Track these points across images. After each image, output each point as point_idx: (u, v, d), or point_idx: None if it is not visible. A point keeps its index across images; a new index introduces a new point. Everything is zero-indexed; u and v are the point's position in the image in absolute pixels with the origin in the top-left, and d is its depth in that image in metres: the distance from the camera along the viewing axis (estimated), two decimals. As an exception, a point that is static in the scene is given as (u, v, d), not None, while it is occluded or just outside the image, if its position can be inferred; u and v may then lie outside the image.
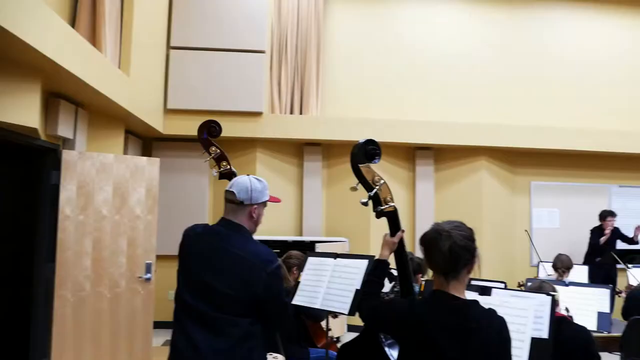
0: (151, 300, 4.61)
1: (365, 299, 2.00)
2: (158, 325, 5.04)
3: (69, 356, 4.13)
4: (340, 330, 5.98)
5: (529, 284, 3.42)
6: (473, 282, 2.82)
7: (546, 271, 5.07)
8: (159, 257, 4.87)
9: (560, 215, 7.18)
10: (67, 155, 4.17)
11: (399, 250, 2.10)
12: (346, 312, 2.84)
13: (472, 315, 1.69)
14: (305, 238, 6.40)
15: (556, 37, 7.45)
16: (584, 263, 6.14)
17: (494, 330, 1.69)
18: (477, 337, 1.66)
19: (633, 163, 7.35)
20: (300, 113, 6.80)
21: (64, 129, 4.08)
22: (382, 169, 7.07)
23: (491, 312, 1.74)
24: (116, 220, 4.42)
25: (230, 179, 2.51)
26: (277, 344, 3.16)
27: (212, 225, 2.29)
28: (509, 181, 7.19)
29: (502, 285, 3.10)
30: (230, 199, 2.24)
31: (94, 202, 4.30)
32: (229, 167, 2.70)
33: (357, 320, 2.31)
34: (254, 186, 2.27)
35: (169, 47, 6.32)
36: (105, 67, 4.22)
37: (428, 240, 1.78)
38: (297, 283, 3.26)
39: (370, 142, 2.14)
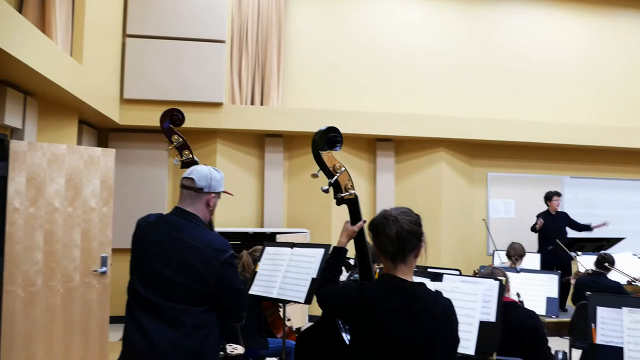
0: (107, 295, 4.51)
1: (322, 285, 2.01)
2: (115, 320, 4.94)
3: (20, 355, 4.00)
4: (302, 320, 6.01)
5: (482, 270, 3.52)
6: (428, 270, 2.89)
7: (500, 259, 5.23)
8: (116, 250, 4.77)
9: (516, 206, 7.41)
10: (15, 145, 4.01)
11: (360, 240, 2.12)
12: (302, 300, 2.86)
13: (419, 296, 1.73)
14: (266, 229, 6.39)
15: (514, 32, 7.63)
16: (539, 250, 6.34)
17: (440, 311, 1.73)
18: (423, 318, 1.70)
19: (584, 155, 7.64)
20: (261, 104, 6.75)
21: (11, 118, 3.93)
22: (343, 161, 7.08)
23: (437, 294, 1.78)
24: (69, 212, 4.29)
25: None
26: (237, 335, 3.14)
27: (165, 214, 2.27)
28: (467, 172, 7.36)
29: (457, 273, 3.18)
30: (189, 186, 2.23)
31: (45, 194, 4.15)
32: (191, 156, 2.68)
33: (318, 311, 2.32)
34: (213, 175, 2.28)
35: (125, 35, 6.15)
36: (55, 54, 4.07)
37: (376, 225, 1.81)
38: (255, 273, 3.26)
39: (331, 130, 2.16)
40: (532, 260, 5.08)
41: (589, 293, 2.23)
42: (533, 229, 6.65)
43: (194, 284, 2.06)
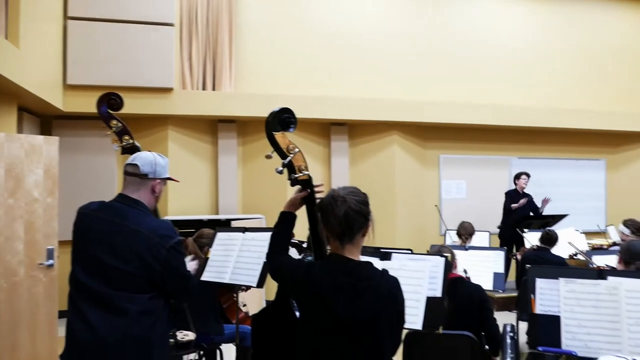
0: (55, 288, 4.35)
1: (273, 252, 1.99)
2: (64, 314, 4.77)
3: (-39, 353, 3.84)
4: (258, 306, 6.00)
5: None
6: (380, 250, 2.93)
7: (452, 239, 5.38)
8: (63, 243, 4.58)
9: (467, 186, 7.61)
10: (-53, 134, 3.79)
11: (313, 221, 2.12)
12: (254, 284, 2.86)
13: (364, 275, 1.76)
14: (221, 216, 6.32)
15: (465, 17, 7.76)
16: (501, 227, 6.59)
17: (385, 289, 1.76)
18: (367, 296, 1.72)
19: (531, 136, 7.91)
20: (213, 89, 6.63)
21: (-59, 105, 3.70)
22: (298, 145, 7.05)
23: (383, 272, 1.81)
24: (10, 204, 4.10)
25: (132, 154, 2.43)
26: (187, 321, 3.11)
27: (108, 201, 2.21)
28: (419, 155, 7.49)
29: (408, 253, 3.25)
30: (132, 172, 2.19)
31: (-18, 185, 3.95)
32: (131, 141, 2.59)
33: (274, 296, 2.33)
34: (157, 160, 2.24)
35: (66, 17, 5.88)
36: (-12, 36, 3.85)
37: (324, 205, 1.82)
38: (206, 259, 3.22)
39: (285, 111, 2.15)
40: (482, 238, 5.25)
41: (528, 266, 2.32)
42: (508, 207, 6.86)
43: (140, 271, 2.03)
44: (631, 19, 8.46)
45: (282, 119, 2.14)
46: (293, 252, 3.03)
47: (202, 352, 3.54)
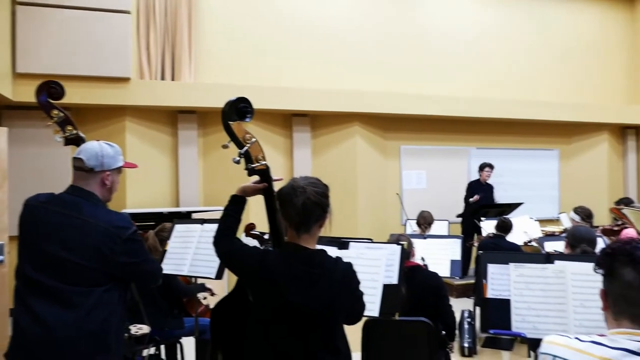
0: (5, 285, 4.18)
1: (221, 235, 1.97)
2: (17, 310, 4.62)
3: None
4: (219, 298, 5.96)
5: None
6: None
7: (412, 228, 5.47)
8: (13, 238, 4.42)
9: (427, 177, 7.75)
10: None
11: (270, 207, 2.11)
12: (213, 276, 2.84)
13: (318, 263, 1.78)
14: (182, 209, 6.23)
15: (426, 9, 7.85)
16: (462, 216, 6.73)
17: (339, 276, 1.79)
18: (321, 283, 1.74)
19: (489, 127, 8.10)
20: (173, 79, 6.50)
21: None
22: (259, 137, 6.99)
23: (337, 259, 1.84)
24: (-45, 197, 3.92)
25: (78, 144, 2.35)
26: (141, 315, 3.06)
27: (58, 193, 2.14)
28: (381, 146, 7.57)
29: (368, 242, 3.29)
30: (79, 166, 2.12)
31: None
32: (75, 131, 2.49)
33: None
34: (105, 152, 2.15)
35: (14, 2, 5.63)
36: None
37: (283, 195, 1.82)
38: (164, 252, 3.18)
39: (241, 100, 2.13)
40: (441, 226, 5.36)
41: (480, 252, 2.39)
42: (467, 201, 7.02)
43: (95, 264, 1.98)
44: (586, 13, 8.75)
45: (239, 109, 2.13)
46: (255, 244, 3.01)
47: (158, 347, 3.49)
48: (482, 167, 7.18)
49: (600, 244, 3.13)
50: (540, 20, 8.44)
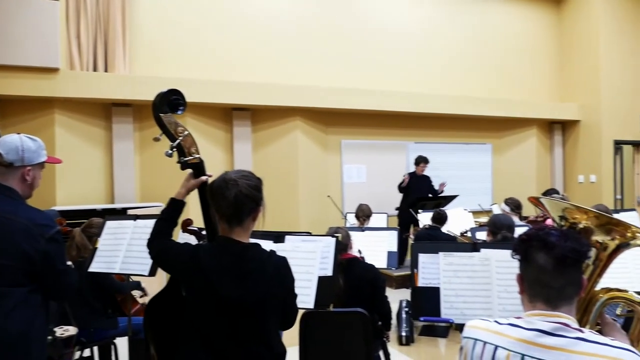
0: None
1: (155, 237, 1.94)
2: None
3: None
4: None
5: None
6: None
7: (351, 221, 5.55)
8: None
9: (367, 171, 7.88)
10: None
11: (205, 200, 2.07)
12: (146, 273, 2.77)
13: (250, 256, 1.77)
14: (117, 205, 6.01)
15: (366, 4, 7.94)
16: (400, 207, 6.89)
17: (272, 270, 1.79)
18: (254, 277, 1.74)
19: (426, 121, 8.34)
20: (106, 70, 6.24)
21: None
22: (198, 131, 6.90)
23: (271, 253, 1.83)
24: None
25: None
26: (67, 316, 2.94)
27: (-26, 190, 2.01)
28: (321, 140, 7.62)
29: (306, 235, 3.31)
30: None
31: None
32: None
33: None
34: (25, 146, 2.04)
35: None
36: None
37: (215, 188, 1.80)
38: (95, 249, 3.06)
39: (173, 92, 2.09)
40: (379, 219, 5.47)
41: (412, 242, 2.46)
42: (400, 187, 7.18)
43: (17, 263, 1.89)
44: (517, 14, 9.16)
45: (171, 101, 2.09)
46: (192, 240, 2.95)
47: (91, 349, 3.36)
48: (417, 162, 7.38)
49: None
50: (474, 19, 8.76)
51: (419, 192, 7.17)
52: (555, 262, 1.29)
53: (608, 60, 8.82)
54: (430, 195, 7.25)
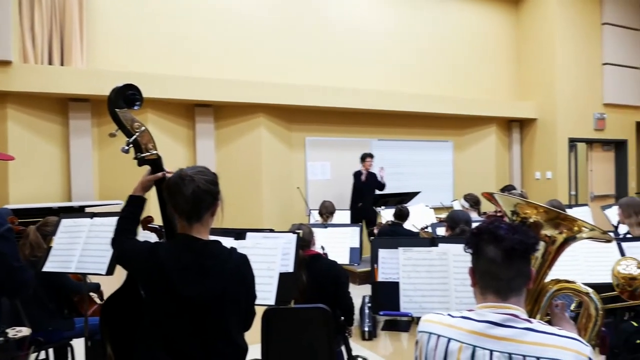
0: None
1: (118, 236, 1.91)
2: None
3: None
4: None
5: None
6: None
7: (314, 218, 5.57)
8: None
9: (331, 168, 7.91)
10: None
11: (164, 203, 2.04)
12: (103, 272, 2.70)
13: (210, 253, 1.76)
14: (75, 203, 5.84)
15: (330, 3, 7.93)
16: (351, 207, 6.91)
17: (232, 267, 1.78)
18: (214, 274, 1.73)
19: (389, 119, 8.43)
20: (62, 64, 6.04)
21: None
22: (160, 127, 6.78)
23: (231, 250, 1.82)
24: None
25: None
26: (20, 316, 2.85)
27: None
28: (285, 137, 7.60)
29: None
30: None
31: None
32: None
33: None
34: None
35: None
36: None
37: (172, 184, 1.78)
38: (49, 249, 2.97)
39: (129, 87, 2.05)
40: (342, 216, 5.51)
41: (372, 238, 2.49)
42: (357, 186, 7.22)
43: None
44: (477, 14, 9.35)
45: (127, 96, 2.06)
46: (153, 238, 2.90)
47: (46, 350, 3.27)
48: (363, 158, 7.44)
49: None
50: (436, 19, 8.90)
51: (367, 189, 7.25)
52: (504, 254, 1.33)
53: (563, 60, 9.14)
54: (377, 191, 7.33)
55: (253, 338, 2.84)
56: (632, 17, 9.91)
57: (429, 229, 5.35)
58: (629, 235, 3.83)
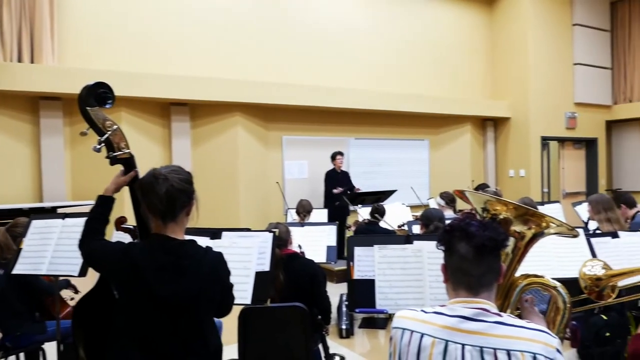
0: None
1: (86, 237, 1.87)
2: None
3: None
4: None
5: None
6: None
7: (292, 216, 5.56)
8: None
9: (308, 167, 7.91)
10: None
11: (136, 198, 2.01)
12: (76, 273, 2.66)
13: (185, 253, 1.75)
14: (46, 204, 5.72)
15: (307, 1, 7.93)
16: (325, 206, 6.93)
17: (208, 266, 1.77)
18: (189, 274, 1.72)
19: (366, 118, 8.48)
20: (32, 62, 5.90)
21: None
22: (135, 126, 6.69)
23: (207, 249, 1.82)
24: None
25: None
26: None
27: None
28: (262, 136, 7.57)
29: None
30: None
31: None
32: None
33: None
34: None
35: None
36: None
37: (145, 184, 1.77)
38: (19, 250, 2.90)
39: (101, 85, 2.03)
40: (320, 214, 5.51)
41: (349, 236, 2.51)
42: (330, 189, 7.26)
43: None
44: (452, 14, 9.46)
45: (98, 94, 2.03)
46: (127, 238, 2.86)
47: (17, 355, 3.20)
48: (333, 157, 7.48)
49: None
50: (413, 19, 8.98)
51: (342, 187, 7.29)
52: (474, 251, 1.36)
53: (536, 60, 9.32)
54: (348, 192, 7.39)
55: (230, 338, 2.84)
56: (601, 19, 10.18)
57: (405, 227, 5.41)
58: (598, 231, 3.93)
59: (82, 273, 2.63)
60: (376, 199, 6.73)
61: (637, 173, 10.19)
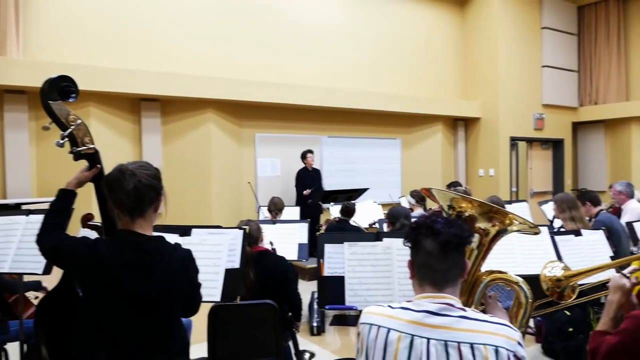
0: None
1: (45, 232, 1.80)
2: None
3: None
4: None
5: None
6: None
7: (264, 214, 5.54)
8: None
9: (281, 164, 7.90)
10: None
11: (102, 194, 1.97)
12: (40, 271, 2.60)
13: (154, 249, 1.73)
14: (10, 200, 5.56)
15: (282, 0, 7.91)
16: (297, 204, 6.93)
17: (176, 262, 1.76)
18: (158, 271, 1.71)
19: (339, 116, 8.51)
20: (-5, 54, 5.73)
21: None
22: (104, 121, 6.55)
23: (176, 245, 1.80)
24: None
25: None
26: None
27: None
28: (235, 133, 7.52)
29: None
30: None
31: None
32: None
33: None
34: None
35: None
36: None
37: (112, 180, 1.74)
38: (-20, 248, 2.82)
39: (64, 79, 1.98)
40: (292, 212, 5.51)
41: (319, 233, 2.52)
42: (301, 189, 7.25)
43: None
44: (425, 14, 9.55)
45: (61, 88, 1.99)
46: (94, 236, 2.80)
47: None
48: (304, 155, 7.51)
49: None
50: (386, 18, 9.04)
51: (312, 186, 7.31)
52: (440, 247, 1.38)
53: (506, 62, 9.51)
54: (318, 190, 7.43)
55: (199, 336, 2.82)
56: (569, 22, 10.45)
57: (376, 225, 5.46)
58: (562, 229, 4.05)
59: (47, 271, 2.58)
60: (348, 197, 6.76)
61: (601, 173, 10.51)
